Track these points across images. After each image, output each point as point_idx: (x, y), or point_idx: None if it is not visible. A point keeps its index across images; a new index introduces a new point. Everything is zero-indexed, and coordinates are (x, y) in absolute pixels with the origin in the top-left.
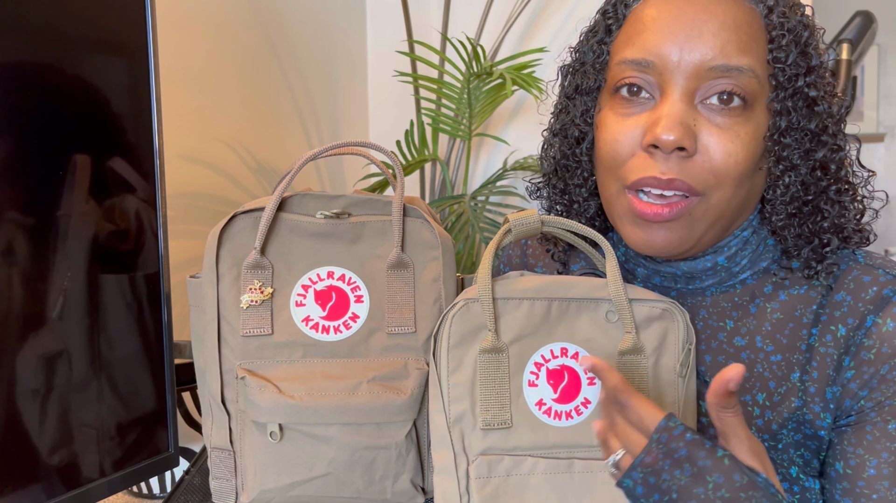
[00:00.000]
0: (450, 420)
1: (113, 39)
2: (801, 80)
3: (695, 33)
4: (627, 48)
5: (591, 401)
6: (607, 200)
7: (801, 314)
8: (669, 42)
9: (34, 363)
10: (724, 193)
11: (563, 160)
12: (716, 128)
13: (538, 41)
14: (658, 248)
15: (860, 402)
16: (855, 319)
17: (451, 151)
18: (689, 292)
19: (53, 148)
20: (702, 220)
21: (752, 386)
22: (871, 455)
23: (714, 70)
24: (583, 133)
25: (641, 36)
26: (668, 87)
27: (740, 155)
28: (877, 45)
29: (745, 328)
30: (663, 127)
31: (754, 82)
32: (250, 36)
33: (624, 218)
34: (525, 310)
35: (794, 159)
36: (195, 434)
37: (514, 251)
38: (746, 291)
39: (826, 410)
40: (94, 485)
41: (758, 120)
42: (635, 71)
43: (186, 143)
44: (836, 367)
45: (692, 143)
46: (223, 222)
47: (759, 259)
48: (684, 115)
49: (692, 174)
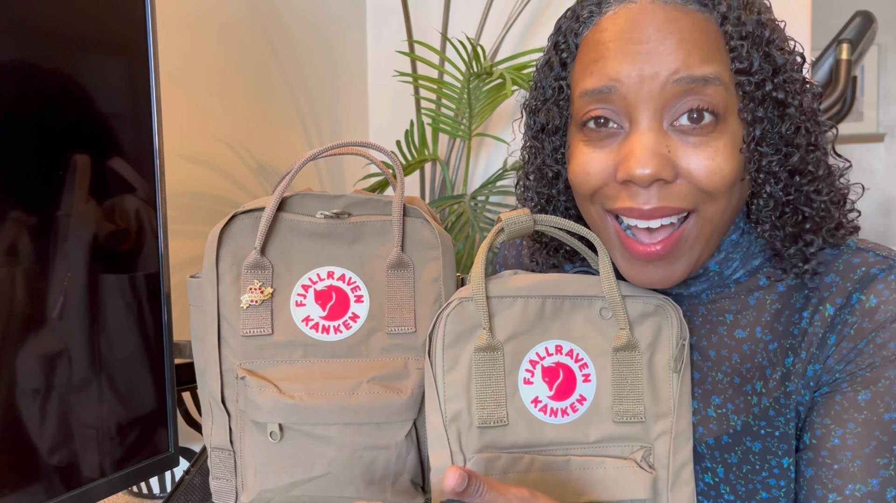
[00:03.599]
0: (446, 419)
1: (113, 39)
2: (769, 84)
3: (652, 50)
4: (586, 78)
5: (586, 398)
6: (593, 225)
7: (795, 300)
8: (628, 64)
9: (34, 363)
10: (718, 205)
11: (540, 201)
12: (692, 148)
13: (538, 41)
14: (656, 283)
15: (836, 376)
16: (842, 298)
17: (451, 151)
18: (685, 297)
19: (53, 148)
20: (698, 242)
21: (752, 376)
22: (838, 425)
23: (679, 83)
24: (555, 173)
25: (597, 64)
26: (634, 113)
27: (725, 168)
28: (877, 45)
29: (745, 320)
30: (636, 160)
31: (721, 91)
32: (250, 36)
33: (616, 248)
34: (519, 308)
35: (773, 167)
36: (195, 434)
37: (510, 251)
38: (741, 288)
39: (806, 387)
40: (94, 485)
41: (732, 131)
42: (598, 102)
43: (187, 143)
44: (819, 345)
45: (670, 172)
46: (223, 222)
47: (750, 258)
48: (656, 144)
49: (678, 198)
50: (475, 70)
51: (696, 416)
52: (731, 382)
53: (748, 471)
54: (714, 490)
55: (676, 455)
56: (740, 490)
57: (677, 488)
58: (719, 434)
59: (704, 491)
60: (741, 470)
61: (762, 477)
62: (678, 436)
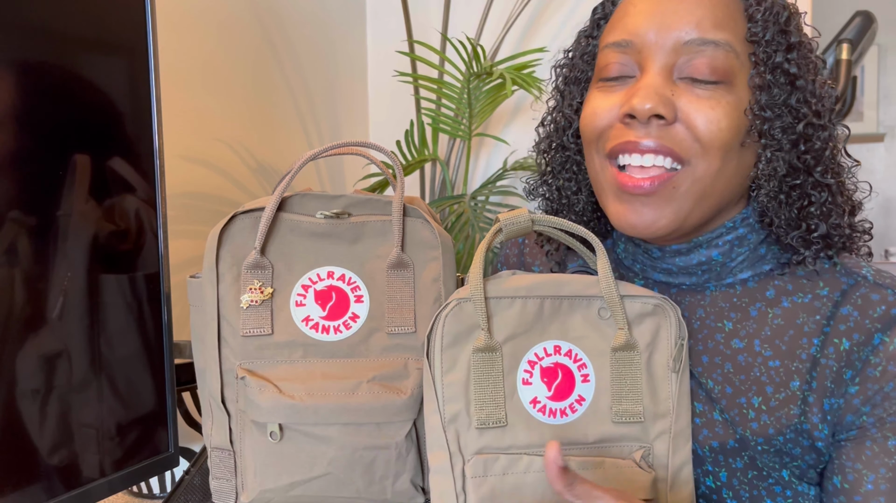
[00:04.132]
0: (445, 420)
1: (113, 39)
2: (781, 55)
3: (670, 11)
4: (610, 34)
5: (585, 399)
6: (594, 179)
7: (802, 322)
8: (647, 22)
9: (34, 363)
10: (710, 164)
11: (554, 152)
12: (695, 97)
13: (538, 41)
14: (642, 227)
15: (862, 418)
16: (861, 335)
17: (451, 151)
18: (688, 289)
19: (53, 148)
20: (687, 196)
21: (748, 389)
22: (869, 470)
23: (690, 44)
24: (569, 120)
25: (622, 21)
26: (646, 63)
27: (723, 122)
28: (877, 45)
29: (745, 331)
30: (639, 97)
31: (731, 57)
32: (250, 36)
33: (608, 194)
34: (518, 308)
35: (776, 134)
36: (195, 434)
37: (512, 250)
38: (746, 293)
39: (824, 421)
40: (94, 485)
41: (738, 95)
42: (616, 53)
43: (187, 143)
44: (835, 380)
45: (670, 111)
46: (223, 222)
47: (760, 261)
48: (661, 86)
49: (675, 140)
50: (475, 70)
51: (701, 419)
52: (724, 391)
53: (754, 476)
54: (716, 494)
55: (675, 455)
56: (743, 496)
57: (676, 488)
58: (725, 439)
59: (706, 494)
60: (746, 475)
61: (768, 483)
62: (677, 436)
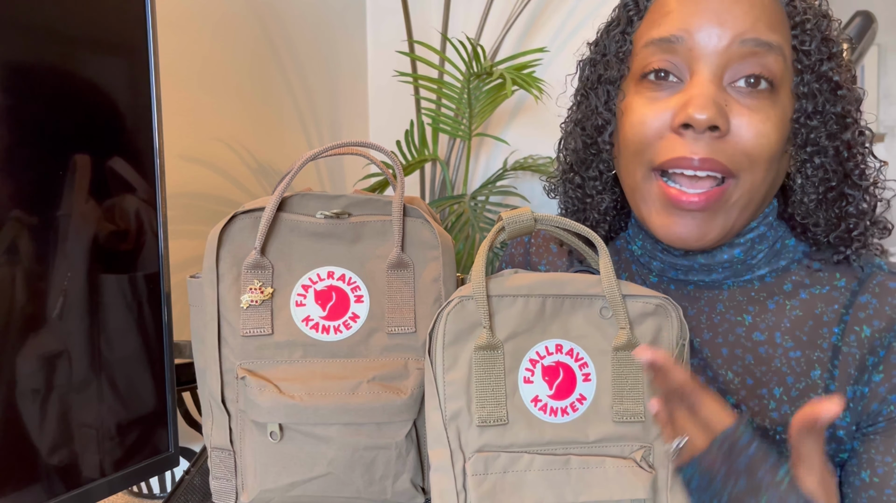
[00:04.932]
0: (446, 417)
1: (113, 39)
2: (825, 64)
3: (724, 8)
4: (654, 28)
5: (586, 398)
6: (632, 187)
7: (821, 312)
8: (698, 18)
9: (34, 363)
10: (756, 176)
11: (583, 151)
12: (746, 109)
13: (538, 41)
14: (692, 240)
15: (890, 408)
16: (881, 321)
17: (451, 151)
18: (706, 285)
19: (53, 148)
20: (735, 207)
21: (769, 380)
22: None
23: (746, 44)
24: (605, 121)
25: (668, 17)
26: (697, 66)
27: (772, 136)
28: (877, 45)
29: (764, 324)
30: (696, 106)
31: (781, 63)
32: (250, 36)
33: (652, 204)
34: (519, 307)
35: (822, 141)
36: (195, 434)
37: (517, 249)
38: (764, 288)
39: (846, 409)
40: (95, 485)
41: (783, 104)
42: (663, 52)
43: (186, 143)
44: (858, 367)
45: (725, 123)
46: (223, 222)
47: (777, 257)
48: (716, 94)
49: (726, 154)
50: (475, 70)
51: None
52: (744, 383)
53: None
54: None
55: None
56: None
57: (676, 488)
58: None
59: None
60: None
61: None
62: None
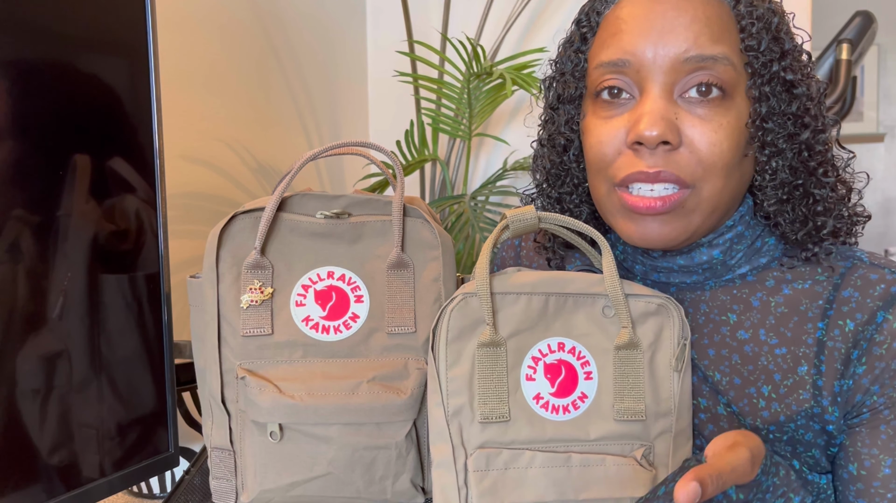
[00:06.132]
0: (448, 414)
1: (113, 40)
2: (777, 64)
3: (667, 29)
4: (603, 51)
5: (587, 396)
6: (599, 201)
7: (806, 308)
8: (643, 40)
9: (34, 363)
10: (714, 185)
11: (552, 169)
12: (697, 119)
13: (538, 41)
14: (653, 241)
15: (873, 398)
16: (864, 314)
17: (451, 151)
18: (688, 287)
19: (54, 148)
20: (696, 212)
21: (756, 378)
22: (887, 454)
23: (689, 62)
24: (569, 140)
25: (615, 38)
26: (646, 85)
27: (724, 144)
28: (877, 45)
29: (749, 322)
30: (645, 123)
31: (730, 70)
32: (250, 36)
33: (616, 213)
34: (523, 304)
35: (780, 143)
36: (195, 434)
37: (508, 253)
38: (746, 286)
39: (834, 404)
40: (94, 485)
41: (738, 108)
42: (613, 73)
43: (187, 143)
44: (843, 361)
45: (675, 137)
46: (223, 222)
47: (757, 255)
48: (665, 110)
49: (679, 166)
50: (475, 70)
51: (706, 414)
52: (732, 383)
53: None
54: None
55: (676, 454)
56: None
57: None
58: None
59: None
60: None
61: None
62: (678, 435)
